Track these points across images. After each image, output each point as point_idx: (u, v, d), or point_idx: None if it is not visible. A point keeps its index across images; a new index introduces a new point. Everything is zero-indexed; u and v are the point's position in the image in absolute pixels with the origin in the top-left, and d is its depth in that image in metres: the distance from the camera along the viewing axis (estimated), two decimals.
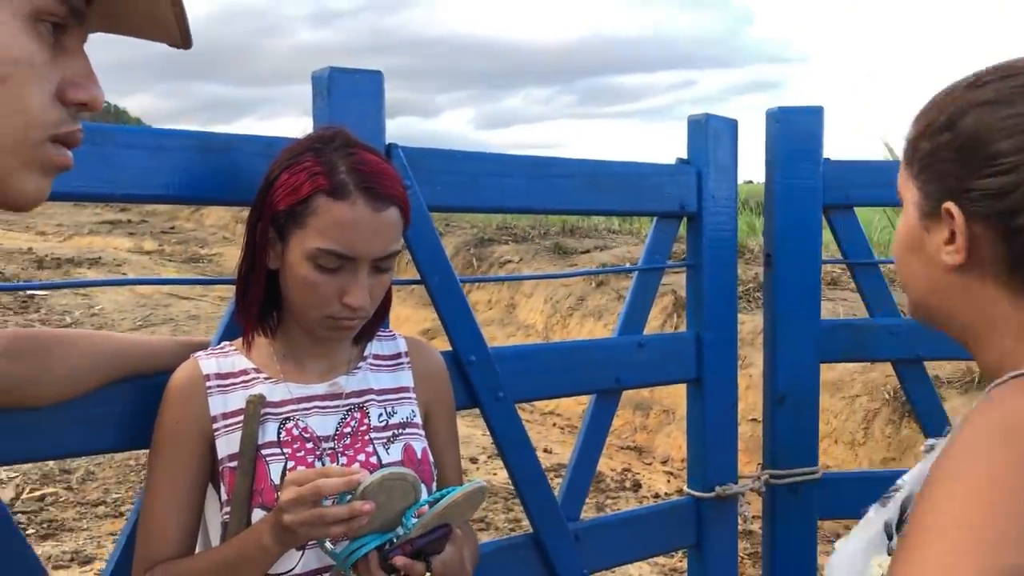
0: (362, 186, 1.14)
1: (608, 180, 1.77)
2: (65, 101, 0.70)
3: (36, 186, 0.71)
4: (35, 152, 0.69)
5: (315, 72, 1.47)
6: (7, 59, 0.66)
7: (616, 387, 1.84)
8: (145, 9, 0.74)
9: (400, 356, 1.34)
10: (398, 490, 1.08)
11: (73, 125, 0.72)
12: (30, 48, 0.67)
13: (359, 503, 1.04)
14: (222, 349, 1.28)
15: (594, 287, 7.01)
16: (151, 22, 0.76)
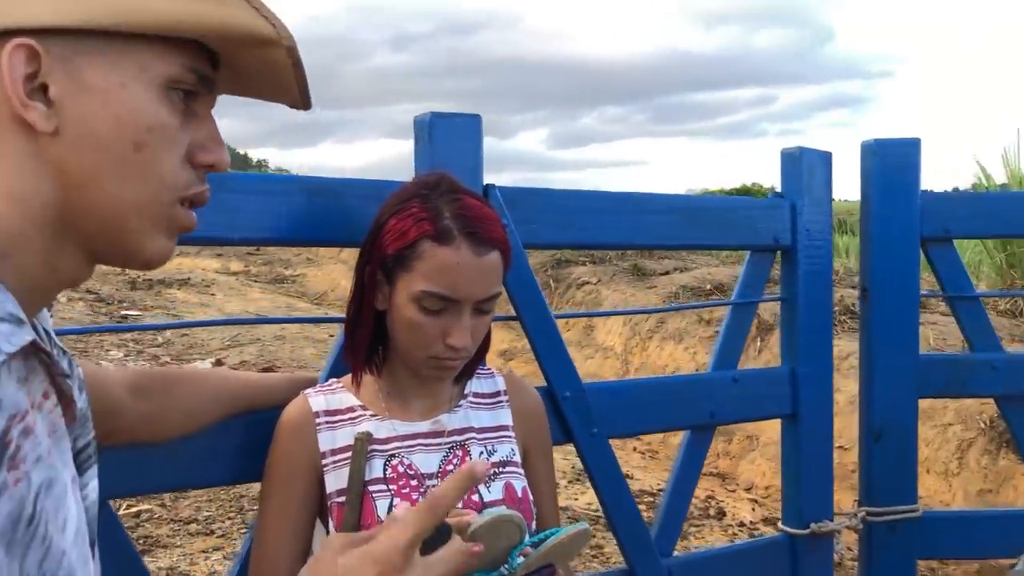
0: (465, 231, 1.18)
1: (703, 215, 1.77)
2: (194, 164, 0.75)
3: (163, 246, 0.76)
4: (165, 214, 0.74)
5: (417, 117, 1.51)
6: (143, 127, 0.70)
7: (710, 422, 1.83)
8: (269, 73, 0.78)
9: (499, 394, 1.37)
10: (505, 531, 1.10)
11: (201, 186, 0.76)
12: (164, 116, 0.71)
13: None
14: (330, 386, 1.32)
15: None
16: (274, 85, 0.80)
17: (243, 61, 0.76)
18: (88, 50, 0.68)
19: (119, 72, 0.69)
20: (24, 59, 0.66)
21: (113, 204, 0.71)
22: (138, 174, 0.70)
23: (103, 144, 0.69)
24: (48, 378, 0.73)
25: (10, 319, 0.66)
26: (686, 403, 1.79)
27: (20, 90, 0.66)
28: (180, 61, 0.72)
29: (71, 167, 0.69)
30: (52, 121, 0.67)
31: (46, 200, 0.69)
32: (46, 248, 0.71)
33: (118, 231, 0.72)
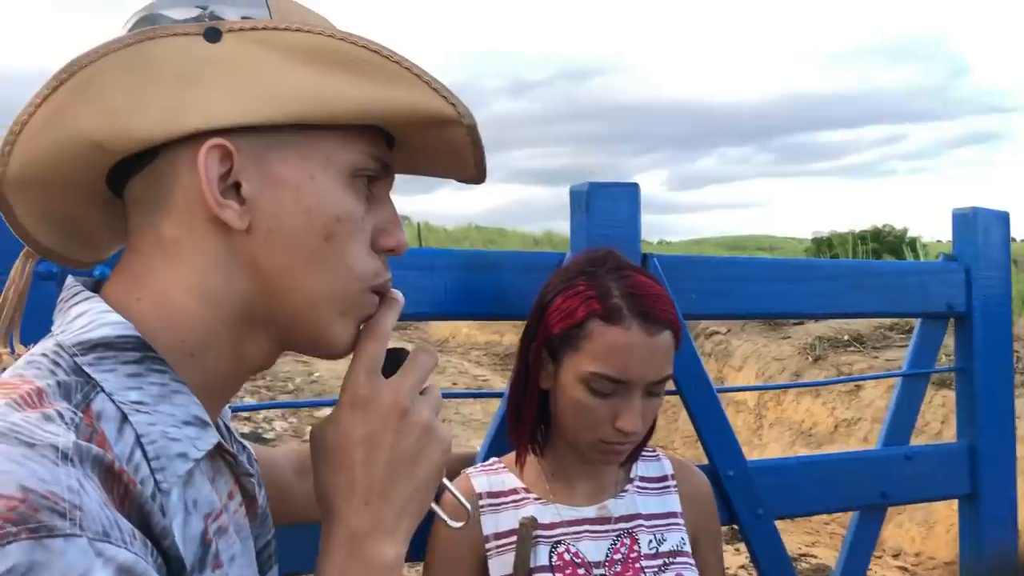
0: (636, 310, 1.13)
1: (871, 281, 1.67)
2: (376, 249, 0.74)
3: (350, 336, 0.74)
4: (354, 303, 0.73)
5: (574, 186, 1.49)
6: (333, 218, 0.69)
7: (882, 503, 1.71)
8: (446, 151, 0.77)
9: (667, 479, 1.30)
10: None
11: (385, 275, 0.75)
12: (352, 205, 0.71)
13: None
14: (492, 466, 1.29)
15: (811, 362, 6.69)
16: (449, 162, 0.79)
17: (420, 141, 0.76)
18: (278, 144, 0.68)
19: (308, 164, 0.69)
20: (218, 159, 0.66)
21: (305, 296, 0.70)
22: (329, 265, 0.70)
23: (295, 238, 0.68)
24: (233, 478, 0.73)
25: (196, 422, 0.66)
26: (856, 482, 1.68)
27: (215, 190, 0.66)
28: (363, 148, 0.72)
29: (263, 262, 0.69)
30: (245, 218, 0.67)
31: (238, 297, 0.69)
32: (235, 343, 0.71)
33: (309, 322, 0.72)
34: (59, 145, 0.65)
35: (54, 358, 0.63)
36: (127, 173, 0.69)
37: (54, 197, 0.70)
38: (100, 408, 0.61)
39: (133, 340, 0.65)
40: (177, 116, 0.65)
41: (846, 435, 5.96)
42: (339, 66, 0.68)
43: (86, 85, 0.64)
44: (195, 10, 0.68)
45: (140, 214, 0.69)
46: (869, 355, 6.39)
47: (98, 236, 0.78)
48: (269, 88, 0.66)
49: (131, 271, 0.70)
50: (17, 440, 0.52)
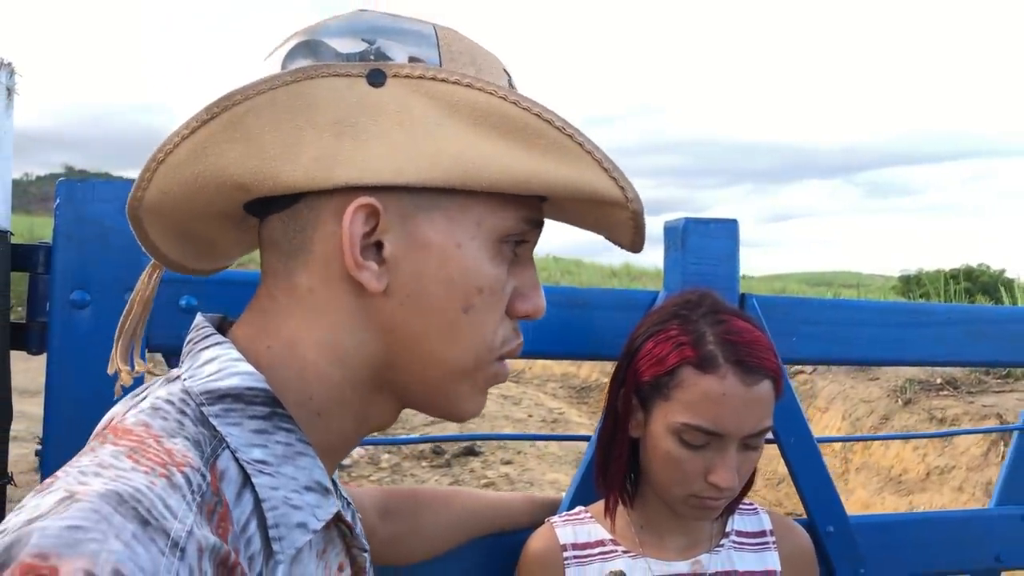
0: (733, 359, 1.06)
1: (986, 327, 1.56)
2: (511, 314, 0.70)
3: (479, 404, 0.71)
4: (484, 373, 0.69)
5: (668, 222, 1.43)
6: (475, 288, 0.65)
7: (996, 567, 1.59)
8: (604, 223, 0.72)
9: (765, 534, 1.22)
10: None
11: (516, 341, 0.71)
12: (495, 275, 0.67)
13: None
14: (578, 516, 1.23)
15: (900, 405, 6.42)
16: (606, 230, 0.73)
17: (577, 208, 0.71)
18: (428, 207, 0.64)
19: (456, 230, 0.65)
20: (364, 219, 0.63)
21: (436, 364, 0.67)
22: (464, 335, 0.66)
23: (433, 305, 0.65)
24: (344, 549, 0.69)
25: (318, 489, 0.62)
26: (966, 543, 1.56)
27: (356, 250, 0.63)
28: (517, 213, 0.67)
29: (397, 326, 0.65)
30: (383, 280, 0.64)
31: (368, 358, 0.66)
32: (360, 403, 0.68)
33: (437, 390, 0.69)
34: (202, 179, 0.63)
35: (181, 406, 0.60)
36: (267, 204, 0.66)
37: (187, 220, 0.68)
38: (224, 467, 0.58)
39: (263, 394, 0.62)
40: (329, 167, 0.61)
41: (939, 484, 5.68)
42: (507, 133, 0.63)
43: (238, 123, 0.61)
44: (361, 44, 0.64)
45: (276, 256, 0.67)
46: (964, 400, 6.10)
47: (225, 251, 0.76)
48: (428, 147, 0.62)
49: (262, 316, 0.67)
50: (135, 513, 0.49)
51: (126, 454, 0.53)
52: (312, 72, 0.61)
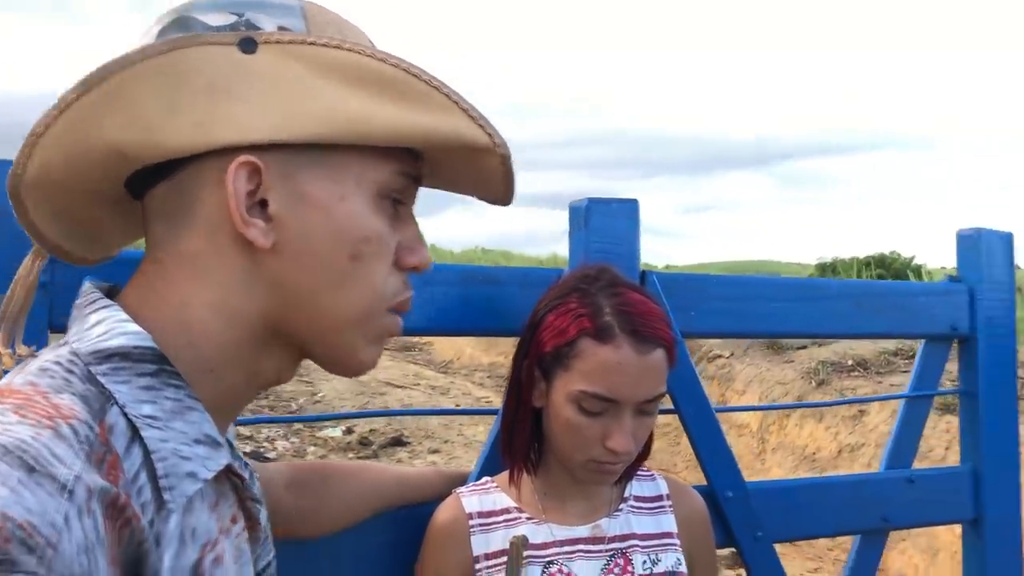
0: (628, 329, 1.11)
1: (874, 301, 1.65)
2: (399, 266, 0.73)
3: (373, 354, 0.74)
4: (376, 324, 0.72)
5: (573, 203, 1.48)
6: (361, 238, 0.68)
7: (883, 527, 1.68)
8: (476, 175, 0.76)
9: (662, 499, 1.28)
10: None
11: (407, 293, 0.74)
12: (379, 225, 0.70)
13: None
14: (483, 486, 1.27)
15: (814, 386, 6.65)
16: (478, 185, 0.78)
17: (451, 163, 0.74)
18: (308, 163, 0.67)
19: (338, 185, 0.68)
20: (246, 176, 0.65)
21: (328, 316, 0.69)
22: (353, 285, 0.69)
23: (321, 257, 0.67)
24: (237, 501, 0.71)
25: (207, 442, 0.64)
26: (857, 505, 1.65)
27: (242, 208, 0.65)
28: (394, 167, 0.71)
29: (288, 281, 0.67)
30: (270, 237, 0.66)
31: (259, 314, 0.68)
32: (252, 360, 0.70)
33: (332, 342, 0.71)
34: (81, 150, 0.64)
35: (68, 366, 0.61)
36: (147, 178, 0.68)
37: (68, 198, 0.69)
38: (113, 422, 0.59)
39: (151, 352, 0.63)
40: (208, 130, 0.63)
41: (850, 460, 5.91)
42: (376, 87, 0.66)
43: (117, 92, 0.63)
44: (231, 17, 0.66)
45: (162, 224, 0.68)
46: (873, 380, 6.35)
47: (109, 236, 0.77)
48: (303, 105, 0.65)
49: (150, 282, 0.68)
50: (20, 462, 0.50)
51: (12, 410, 0.54)
52: (186, 42, 0.63)
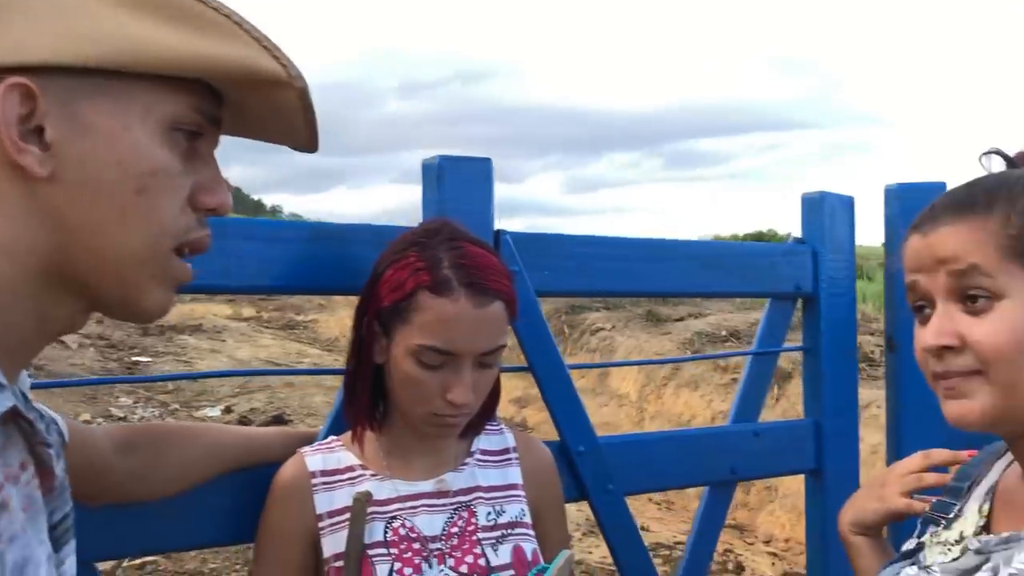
0: (465, 282, 1.11)
1: (722, 261, 1.71)
2: (195, 207, 0.70)
3: (162, 299, 0.71)
4: (163, 264, 0.69)
5: (425, 161, 1.46)
6: (146, 171, 0.66)
7: (731, 478, 1.75)
8: (277, 115, 0.74)
9: (508, 451, 1.29)
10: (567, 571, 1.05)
11: (202, 231, 0.72)
12: (167, 159, 0.67)
13: None
14: (328, 444, 1.26)
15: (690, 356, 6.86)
16: (281, 127, 0.76)
17: (250, 101, 0.72)
18: (91, 90, 0.64)
19: (122, 113, 0.65)
20: (19, 99, 0.61)
21: (112, 252, 0.66)
22: (139, 220, 0.66)
23: (103, 189, 0.64)
24: (27, 447, 0.68)
25: None
26: (705, 458, 1.71)
27: (13, 132, 0.61)
28: (185, 101, 0.68)
29: (68, 213, 0.64)
30: (47, 165, 0.63)
31: (40, 248, 0.65)
32: (37, 299, 0.66)
33: (116, 281, 0.68)
34: None
35: None
36: None
37: None
38: None
39: None
40: None
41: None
42: (162, 13, 0.64)
43: None
44: None
45: None
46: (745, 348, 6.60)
47: None
48: (85, 28, 0.62)
49: None
50: None
51: None
52: None
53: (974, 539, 0.95)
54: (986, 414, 0.88)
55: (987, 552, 0.91)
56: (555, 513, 1.32)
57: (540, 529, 1.27)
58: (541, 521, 1.28)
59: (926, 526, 1.07)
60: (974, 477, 1.06)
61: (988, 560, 0.90)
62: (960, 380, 0.89)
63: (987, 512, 0.98)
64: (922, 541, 1.05)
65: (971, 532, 0.97)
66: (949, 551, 0.97)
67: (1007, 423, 0.90)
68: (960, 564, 0.93)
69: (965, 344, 0.88)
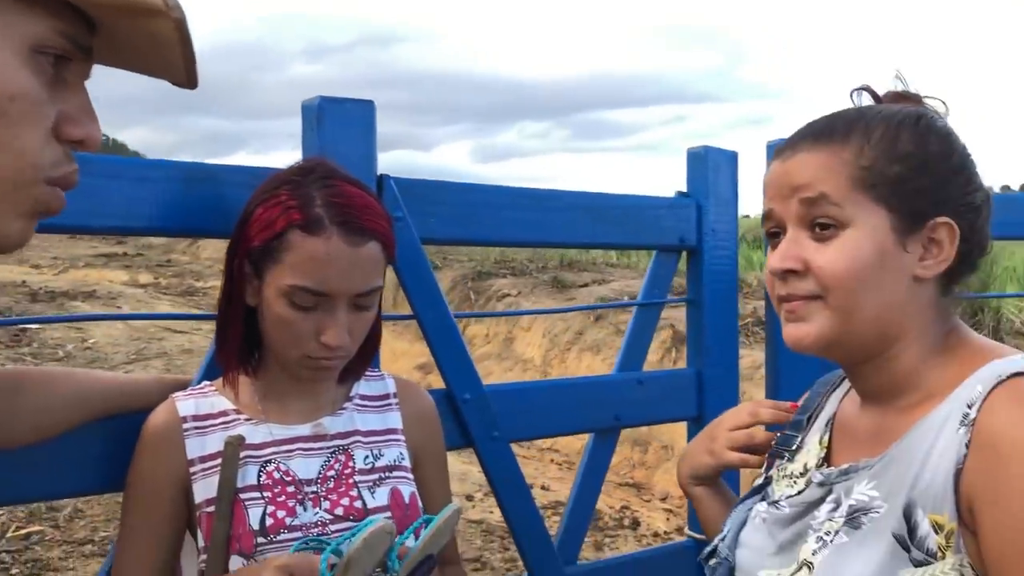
0: (338, 220, 1.09)
1: (607, 212, 1.73)
2: (60, 138, 0.67)
3: (20, 229, 0.67)
4: (26, 194, 0.66)
5: (305, 101, 1.43)
6: (5, 95, 0.62)
7: (615, 425, 1.78)
8: (152, 47, 0.70)
9: (388, 397, 1.29)
10: (378, 540, 1.03)
11: (68, 166, 0.68)
12: (28, 83, 0.63)
13: None
14: (201, 389, 1.23)
15: (592, 321, 6.96)
16: (157, 60, 0.72)
17: (124, 30, 0.68)
18: None
19: None
20: None
21: None
22: None
23: None
24: None
25: None
26: (590, 405, 1.74)
27: None
28: (49, 23, 0.64)
29: None
30: None
31: None
32: None
33: None
34: None
35: None
36: None
37: None
38: None
39: None
40: None
41: None
42: None
43: None
44: None
45: None
46: None
47: None
48: None
49: None
50: None
51: None
52: None
53: (816, 471, 0.98)
54: (821, 338, 0.92)
55: (829, 484, 0.94)
56: (435, 459, 1.32)
57: (420, 475, 1.27)
58: (421, 467, 1.28)
59: (772, 460, 1.11)
60: (813, 408, 1.10)
61: (831, 492, 0.94)
62: (800, 304, 0.92)
63: (827, 443, 1.01)
64: (770, 475, 1.08)
65: (814, 464, 1.00)
66: (795, 484, 1.01)
67: (841, 348, 0.93)
68: (805, 497, 0.97)
69: (808, 269, 0.91)
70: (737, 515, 1.06)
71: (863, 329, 0.90)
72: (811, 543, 0.90)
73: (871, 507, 0.87)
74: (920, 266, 0.89)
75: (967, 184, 0.91)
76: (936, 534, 0.81)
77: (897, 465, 0.86)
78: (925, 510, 0.82)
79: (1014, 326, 6.22)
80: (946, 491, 0.80)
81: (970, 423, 0.80)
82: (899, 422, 0.90)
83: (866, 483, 0.89)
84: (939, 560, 0.81)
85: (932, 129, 0.91)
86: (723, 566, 1.02)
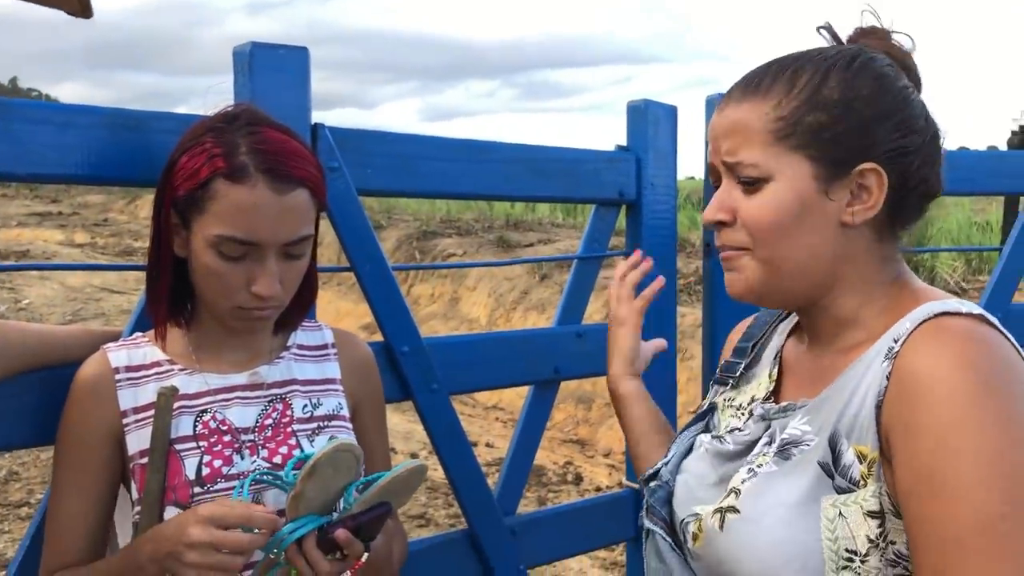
0: (263, 167, 1.06)
1: (546, 166, 1.72)
2: None
3: None
4: None
5: (236, 47, 1.39)
6: None
7: (554, 378, 1.80)
8: None
9: (327, 347, 1.28)
10: (344, 463, 1.04)
11: None
12: None
13: None
14: (134, 340, 1.20)
15: (537, 280, 6.99)
16: None
17: None
18: None
19: None
20: None
21: None
22: None
23: None
24: None
25: None
26: (530, 358, 1.75)
27: None
28: None
29: None
30: None
31: None
32: None
33: None
34: None
35: None
36: None
37: None
38: None
39: None
40: None
41: None
42: None
43: None
44: None
45: None
46: None
47: None
48: None
49: None
50: None
51: None
52: None
53: (759, 405, 1.00)
54: (751, 288, 0.93)
55: (768, 419, 0.96)
56: (374, 409, 1.32)
57: (358, 424, 1.27)
58: (359, 416, 1.28)
59: (716, 386, 1.12)
60: (757, 337, 1.11)
61: (769, 427, 0.96)
62: (733, 254, 0.94)
63: (776, 377, 1.03)
64: (715, 402, 1.10)
65: (761, 397, 1.02)
66: (740, 415, 1.03)
67: (773, 297, 0.95)
68: (748, 435, 0.98)
69: (737, 220, 0.92)
70: (682, 442, 1.07)
71: (791, 278, 0.92)
72: (742, 473, 0.92)
73: (802, 440, 0.89)
74: (847, 212, 0.89)
75: (900, 127, 0.90)
76: (860, 463, 0.83)
77: (831, 403, 0.88)
78: (850, 440, 0.84)
79: (947, 285, 6.40)
80: (869, 422, 0.83)
81: (893, 356, 0.82)
82: (837, 362, 0.92)
83: (800, 418, 0.91)
84: (861, 488, 0.83)
85: (865, 70, 0.90)
86: (663, 489, 1.03)
